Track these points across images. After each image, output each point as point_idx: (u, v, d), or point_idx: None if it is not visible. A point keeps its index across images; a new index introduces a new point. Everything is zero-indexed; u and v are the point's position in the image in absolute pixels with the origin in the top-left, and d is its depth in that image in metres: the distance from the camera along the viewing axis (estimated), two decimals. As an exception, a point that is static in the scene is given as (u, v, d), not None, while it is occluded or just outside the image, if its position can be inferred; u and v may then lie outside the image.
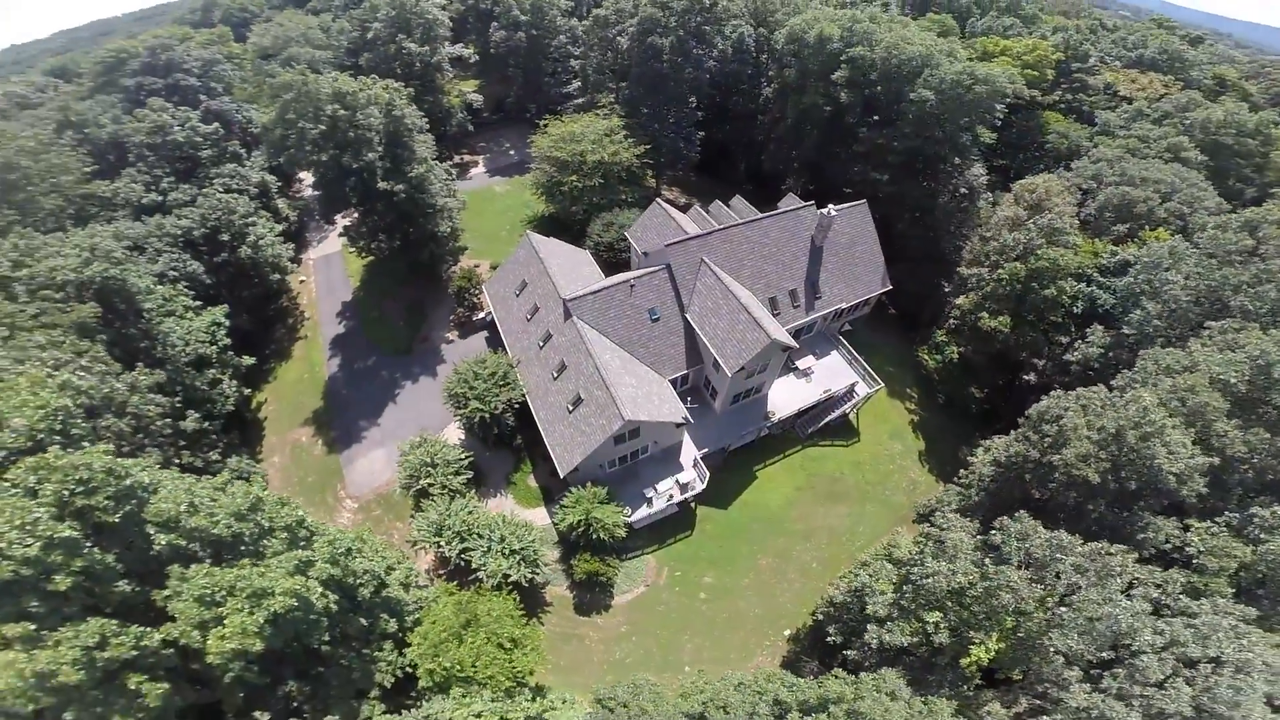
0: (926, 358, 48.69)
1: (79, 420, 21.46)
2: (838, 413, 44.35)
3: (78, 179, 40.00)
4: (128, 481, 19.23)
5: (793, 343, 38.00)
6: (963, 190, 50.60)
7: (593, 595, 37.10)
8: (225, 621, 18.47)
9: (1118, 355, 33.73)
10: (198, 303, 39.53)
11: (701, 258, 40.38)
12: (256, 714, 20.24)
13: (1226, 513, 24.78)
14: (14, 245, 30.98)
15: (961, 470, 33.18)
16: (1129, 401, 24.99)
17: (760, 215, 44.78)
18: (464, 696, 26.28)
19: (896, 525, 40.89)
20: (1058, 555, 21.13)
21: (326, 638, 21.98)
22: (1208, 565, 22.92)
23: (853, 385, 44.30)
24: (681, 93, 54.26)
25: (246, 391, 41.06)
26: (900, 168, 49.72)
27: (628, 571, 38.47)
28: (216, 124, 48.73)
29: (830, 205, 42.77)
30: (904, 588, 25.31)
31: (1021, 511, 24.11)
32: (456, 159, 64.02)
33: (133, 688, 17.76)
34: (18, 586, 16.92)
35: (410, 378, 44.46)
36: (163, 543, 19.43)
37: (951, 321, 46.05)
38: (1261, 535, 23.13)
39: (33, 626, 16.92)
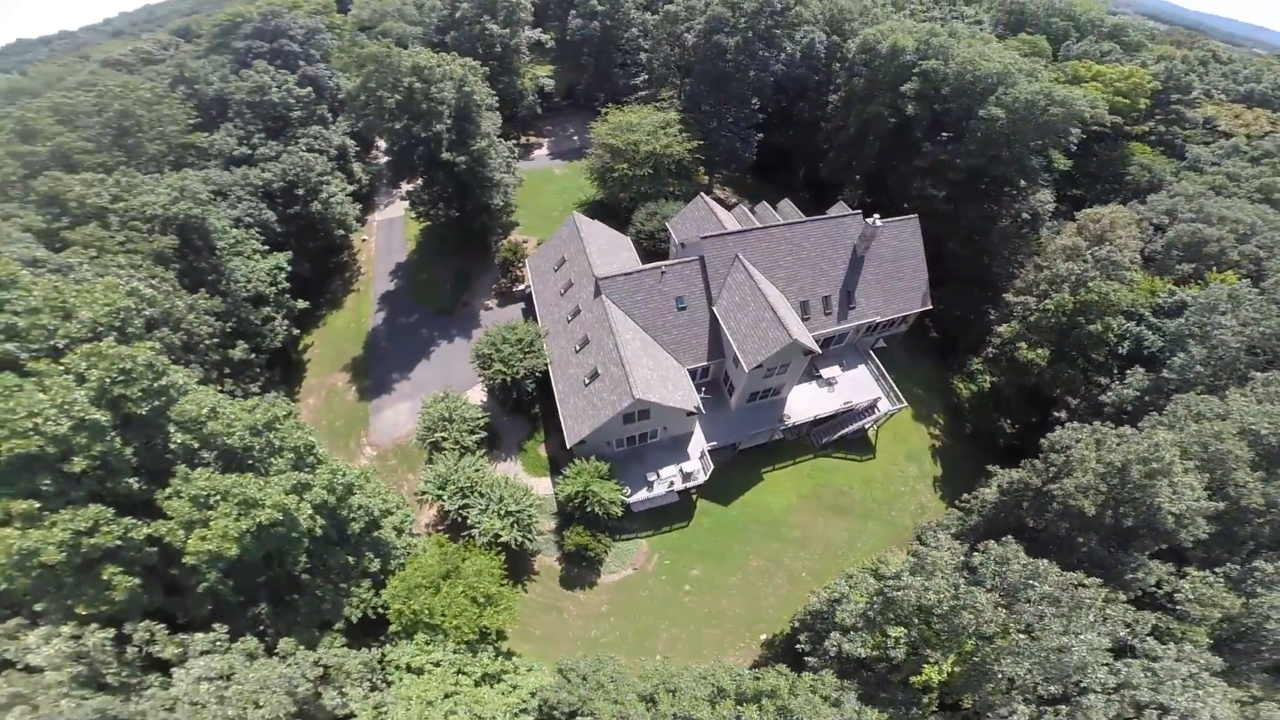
0: (960, 385, 46.85)
1: (137, 323, 24.29)
2: (855, 426, 43.46)
3: (182, 129, 44.67)
4: (163, 380, 21.61)
5: (815, 346, 37.58)
6: (1025, 215, 48.34)
7: (580, 570, 37.86)
8: (210, 524, 20.14)
9: (1154, 400, 31.53)
10: (265, 247, 43.28)
11: (736, 254, 40.60)
12: (216, 625, 21.60)
13: (1229, 563, 23.07)
14: (116, 181, 35.12)
15: (965, 494, 32.05)
16: (1143, 437, 23.61)
17: (803, 219, 44.55)
18: (427, 643, 27.04)
19: (894, 545, 39.73)
20: (1031, 582, 20.34)
21: (305, 560, 23.48)
22: (1190, 613, 21.48)
23: (875, 401, 43.32)
24: (743, 93, 54.38)
25: (296, 332, 44.55)
26: (960, 185, 48.06)
27: (618, 553, 39.08)
28: (310, 88, 53.00)
29: (876, 216, 41.97)
30: (875, 599, 24.97)
31: (1009, 537, 23.32)
32: (523, 139, 66.71)
33: (105, 578, 19.35)
34: (38, 464, 19.05)
35: (446, 338, 46.94)
36: (179, 442, 21.52)
37: (990, 350, 44.16)
38: (1258, 589, 21.42)
39: (38, 505, 18.88)
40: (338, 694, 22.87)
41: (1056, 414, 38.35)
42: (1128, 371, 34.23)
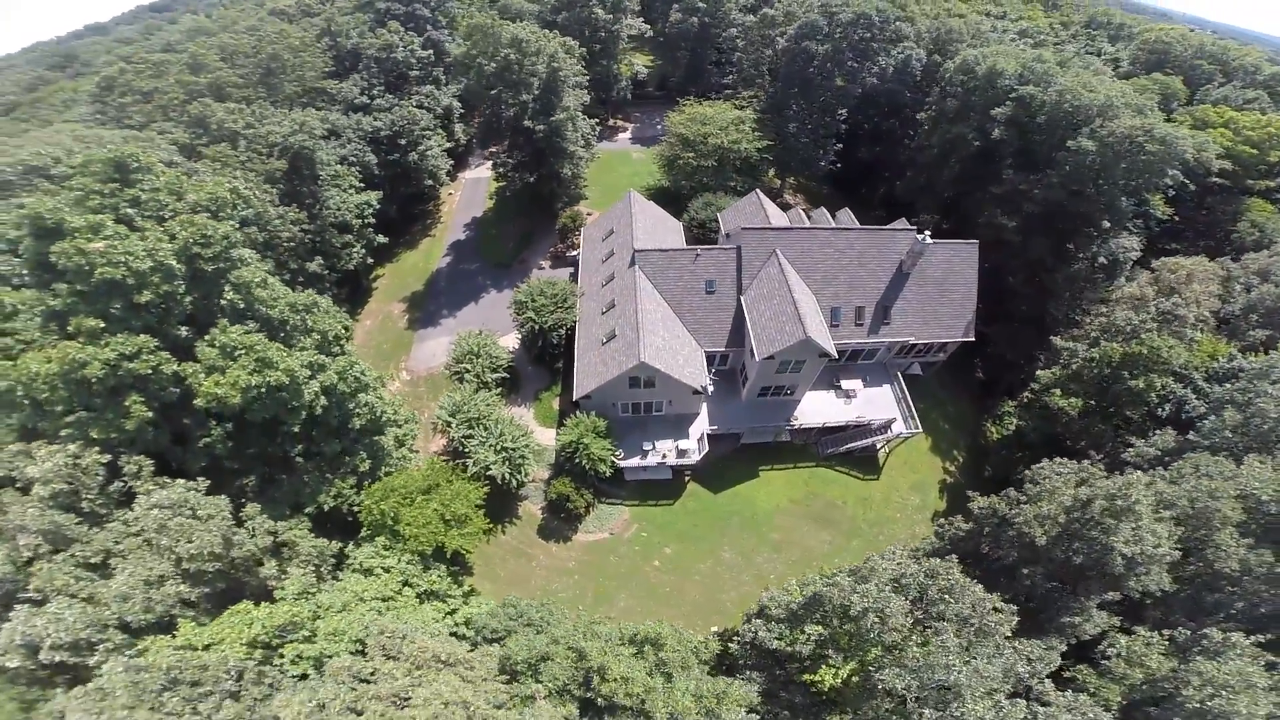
0: (991, 428, 44.35)
1: (229, 211, 29.43)
2: (865, 443, 42.51)
3: (318, 75, 51.60)
4: (233, 252, 26.36)
5: (831, 350, 37.40)
6: (1102, 260, 44.78)
7: (558, 523, 39.64)
8: (226, 373, 23.87)
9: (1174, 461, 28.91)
10: (361, 184, 49.05)
11: (775, 249, 41.25)
12: (200, 479, 24.92)
13: (1181, 628, 21.27)
14: (253, 112, 41.70)
15: (943, 521, 30.95)
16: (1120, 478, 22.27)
17: (850, 226, 44.21)
18: (385, 548, 29.23)
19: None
20: (946, 597, 20.08)
21: (299, 433, 26.64)
22: (1113, 669, 20.11)
23: (890, 422, 42.23)
24: (827, 102, 54.33)
25: (370, 262, 50.21)
26: (1034, 218, 45.35)
27: (600, 514, 40.59)
28: (431, 51, 59.18)
29: (927, 233, 40.90)
30: (806, 595, 25.20)
31: (952, 556, 22.97)
32: (611, 120, 70.21)
33: (126, 404, 22.92)
34: (117, 290, 23.39)
35: (497, 287, 50.97)
36: (228, 299, 25.71)
37: (1027, 395, 41.61)
38: (1197, 657, 19.66)
39: (102, 325, 23.04)
40: (277, 566, 25.54)
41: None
42: (1157, 432, 31.44)
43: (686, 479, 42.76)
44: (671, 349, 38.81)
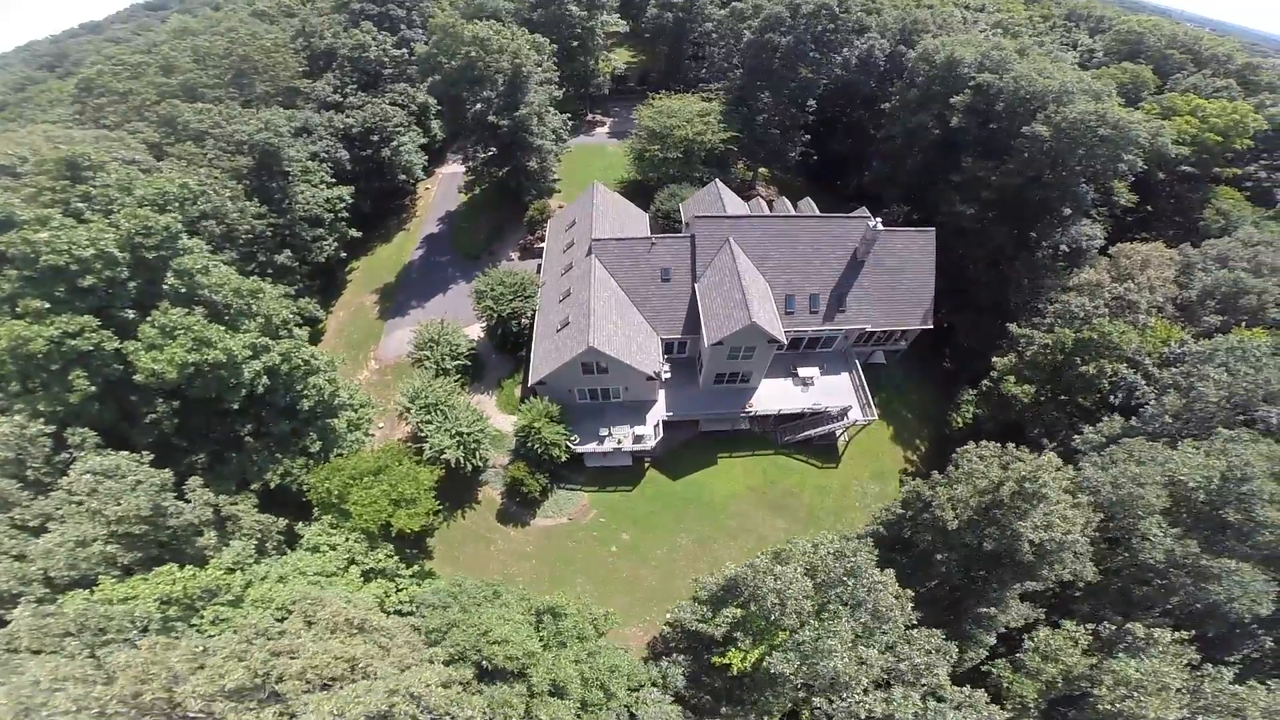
0: (955, 417, 44.07)
1: (178, 204, 30.12)
2: (821, 430, 42.43)
3: (292, 75, 52.44)
4: (178, 242, 27.17)
5: (780, 336, 37.45)
6: (1065, 248, 44.35)
7: (517, 508, 40.00)
8: (164, 350, 24.73)
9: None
10: (333, 180, 49.84)
11: (729, 237, 41.36)
12: (144, 452, 25.67)
13: (1106, 622, 20.91)
14: (219, 112, 42.50)
15: (882, 506, 30.79)
16: (1031, 460, 22.03)
17: (805, 214, 44.18)
18: (332, 526, 29.66)
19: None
20: (845, 579, 19.96)
21: (236, 406, 27.46)
22: (1027, 663, 19.83)
23: (846, 409, 42.09)
24: (795, 94, 54.28)
25: (344, 255, 50.91)
26: (994, 205, 45.05)
27: (559, 500, 40.85)
28: (405, 50, 59.94)
29: (878, 220, 40.76)
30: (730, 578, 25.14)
31: (868, 539, 22.93)
32: (590, 115, 70.59)
33: (70, 379, 23.97)
34: (60, 275, 24.51)
35: (466, 278, 51.41)
36: (170, 284, 26.60)
37: (986, 383, 41.28)
38: (1119, 653, 19.33)
39: (47, 306, 24.12)
40: (217, 538, 26.18)
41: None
42: (1104, 418, 31.05)
43: (646, 465, 42.91)
44: (624, 335, 39.00)
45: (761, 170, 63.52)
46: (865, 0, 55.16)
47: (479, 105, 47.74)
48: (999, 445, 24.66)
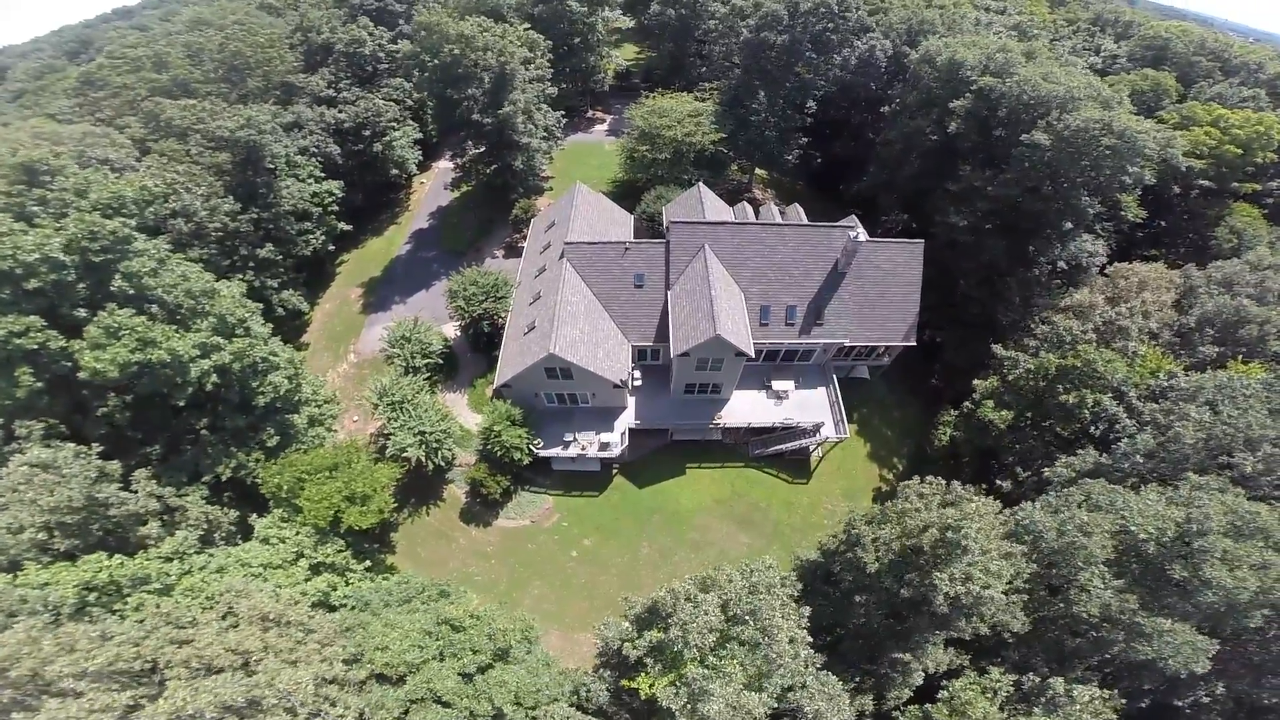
0: (936, 436, 41.72)
1: (135, 207, 29.86)
2: (793, 445, 40.60)
3: (288, 69, 51.91)
4: (131, 244, 27.03)
5: (747, 349, 35.73)
6: (1063, 264, 41.36)
7: (480, 508, 39.47)
8: (107, 349, 24.63)
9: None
10: (323, 174, 49.38)
11: (704, 244, 39.63)
12: (93, 444, 25.67)
13: (1031, 674, 19.05)
14: (203, 107, 42.16)
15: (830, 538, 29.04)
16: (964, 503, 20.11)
17: (785, 223, 42.07)
18: (283, 520, 29.57)
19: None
20: (748, 620, 18.51)
21: (183, 403, 27.47)
22: (934, 715, 18.14)
23: (819, 425, 40.13)
24: (792, 95, 51.82)
25: (332, 248, 50.50)
26: (989, 217, 42.22)
27: (522, 502, 40.18)
28: (401, 45, 59.10)
29: (860, 231, 38.50)
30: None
31: (792, 573, 21.43)
32: (590, 113, 69.02)
33: (16, 375, 24.19)
34: (6, 278, 24.63)
35: (449, 274, 50.23)
36: (118, 286, 26.48)
37: (967, 404, 38.84)
38: (1036, 710, 17.50)
39: None
40: (161, 528, 26.25)
41: (1001, 483, 33.01)
42: (1079, 451, 28.63)
43: (614, 471, 41.84)
44: (591, 341, 37.75)
45: (760, 172, 61.21)
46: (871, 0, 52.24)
47: (465, 103, 46.69)
48: (943, 482, 22.74)
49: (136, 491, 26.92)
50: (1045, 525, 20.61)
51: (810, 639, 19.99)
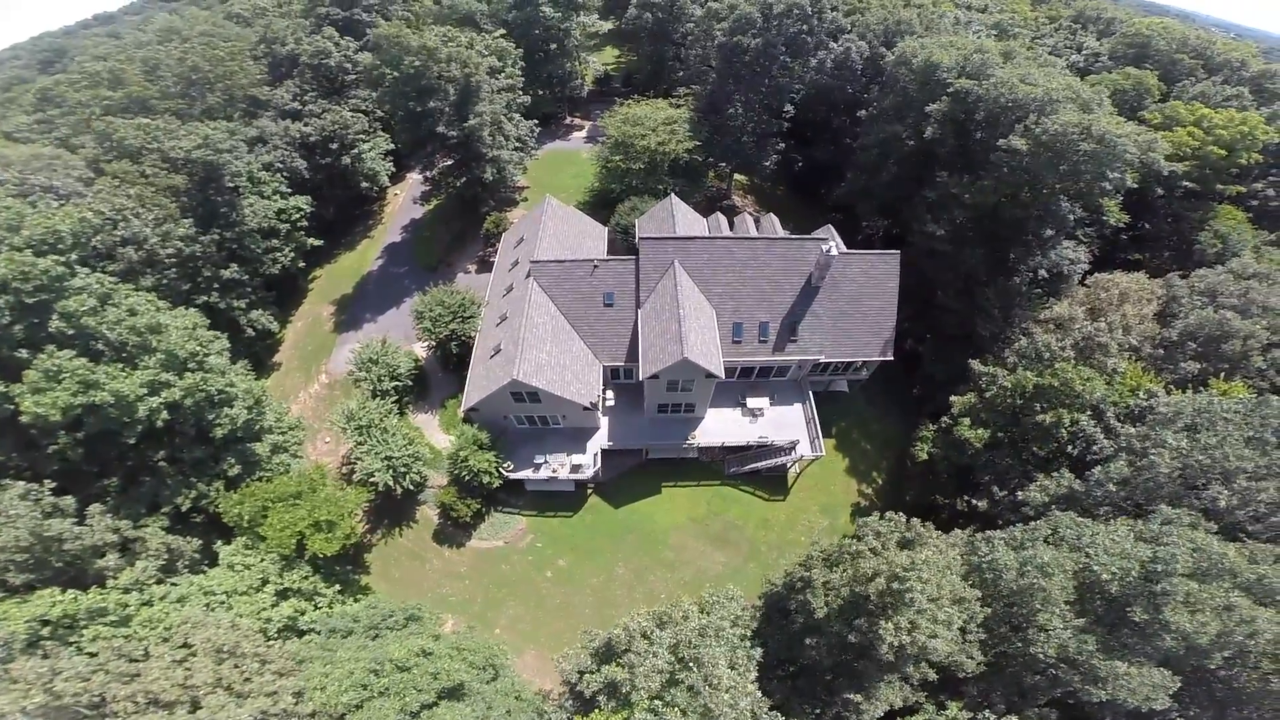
0: (915, 451, 40.35)
1: (69, 240, 28.27)
2: (769, 463, 39.30)
3: (251, 82, 49.94)
4: (69, 282, 25.68)
5: (717, 372, 34.31)
6: (1044, 273, 39.84)
7: (453, 529, 38.54)
8: (47, 394, 23.52)
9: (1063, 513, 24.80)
10: (289, 190, 47.66)
11: (674, 260, 38.11)
12: (45, 481, 25.11)
13: (989, 711, 17.98)
14: (158, 126, 40.06)
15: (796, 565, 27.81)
16: (910, 555, 18.85)
17: (758, 235, 40.55)
18: (247, 548, 29.01)
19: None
20: (692, 666, 17.35)
21: (132, 439, 26.52)
22: None
23: (794, 444, 38.79)
24: (768, 100, 50.03)
25: (302, 265, 48.85)
26: (967, 225, 40.68)
27: (496, 523, 39.24)
28: (370, 55, 57.09)
29: (833, 244, 36.99)
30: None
31: (747, 612, 20.20)
32: (568, 119, 67.10)
33: None
34: None
35: (421, 291, 49.01)
36: (56, 328, 25.29)
37: (946, 419, 37.48)
38: None
39: None
40: (118, 559, 25.61)
41: (977, 503, 31.74)
42: (1054, 474, 27.31)
43: (589, 491, 40.65)
44: (559, 365, 36.37)
45: (739, 178, 59.47)
46: (849, 0, 50.22)
47: (430, 116, 44.95)
48: (904, 518, 21.53)
49: (90, 525, 26.14)
50: (1006, 564, 19.40)
51: (756, 686, 19.00)
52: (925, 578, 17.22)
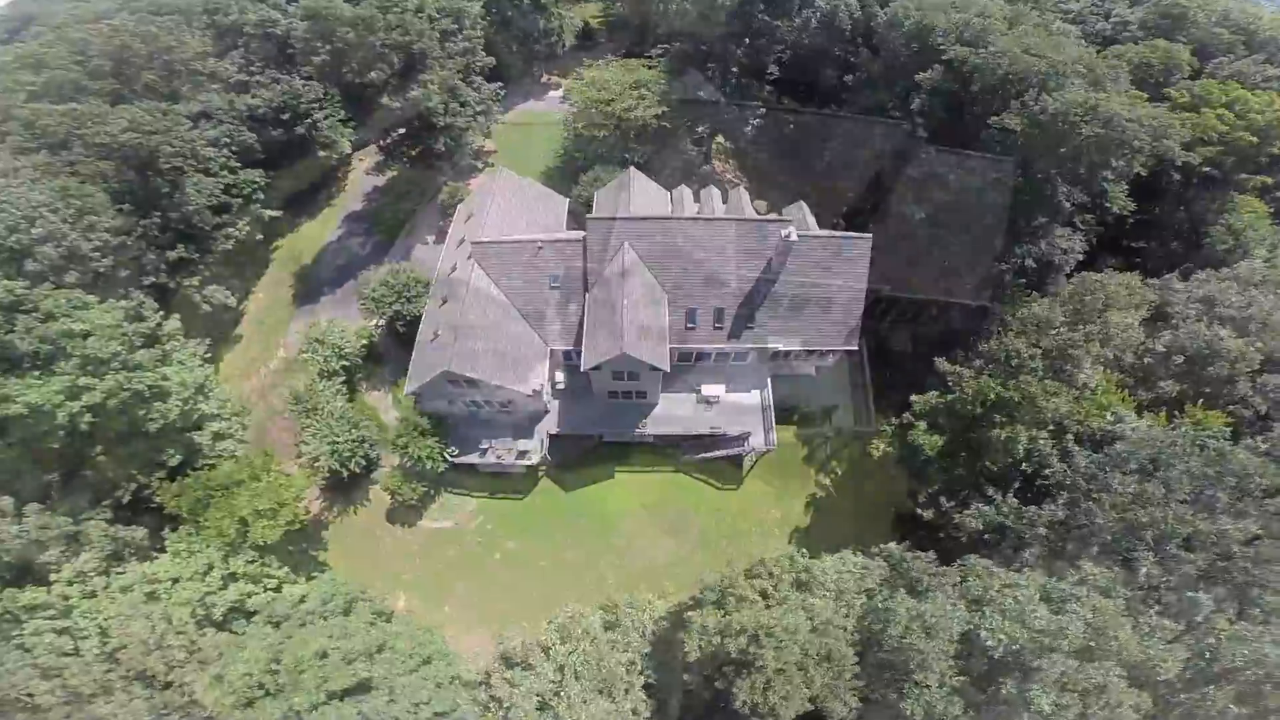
0: (875, 444, 37.45)
1: None
2: (724, 453, 36.91)
3: (193, 55, 44.73)
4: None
5: (661, 364, 31.52)
6: (1031, 263, 35.37)
7: (404, 510, 37.57)
8: None
9: (996, 543, 22.12)
10: (238, 165, 43.65)
11: (624, 242, 34.41)
12: None
13: None
14: (82, 112, 36.19)
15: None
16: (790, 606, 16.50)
17: (716, 217, 36.38)
18: (189, 536, 28.40)
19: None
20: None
21: (55, 444, 25.70)
22: None
23: (746, 435, 36.08)
24: (745, 62, 44.36)
25: (260, 237, 45.68)
26: (950, 208, 36.00)
27: (446, 504, 38.25)
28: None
29: (793, 228, 32.84)
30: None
31: (645, 639, 18.38)
32: (545, 78, 61.47)
33: None
34: None
35: (378, 261, 46.08)
36: None
37: (907, 415, 34.19)
38: None
39: None
40: (60, 554, 25.57)
41: (922, 514, 29.01)
42: (995, 500, 24.30)
43: (540, 474, 38.88)
44: (497, 352, 33.81)
45: (720, 140, 54.00)
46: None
47: (368, 89, 40.62)
48: (806, 554, 19.29)
49: (26, 523, 25.73)
50: (896, 618, 17.06)
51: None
52: (781, 643, 15.22)
